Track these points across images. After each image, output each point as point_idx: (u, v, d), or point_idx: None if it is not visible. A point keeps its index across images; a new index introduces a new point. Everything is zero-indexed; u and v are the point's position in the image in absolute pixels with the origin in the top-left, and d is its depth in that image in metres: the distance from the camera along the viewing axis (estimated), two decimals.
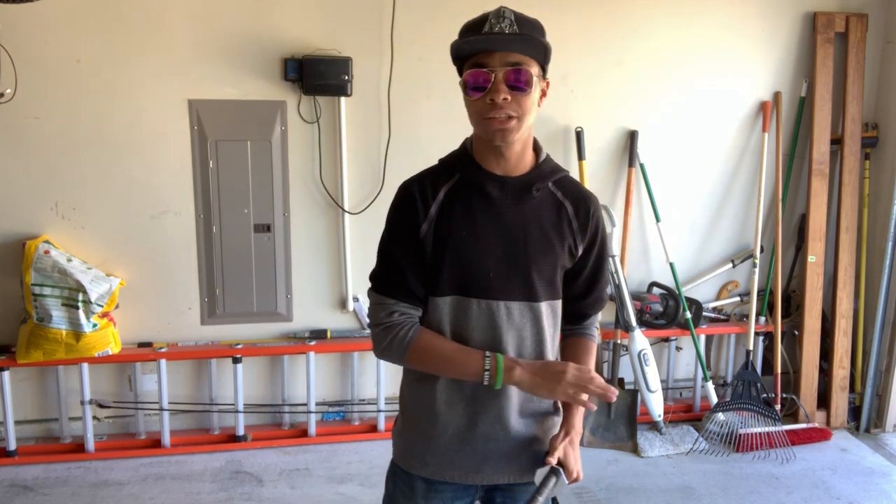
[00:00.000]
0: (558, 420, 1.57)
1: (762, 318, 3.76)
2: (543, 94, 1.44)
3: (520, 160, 1.46)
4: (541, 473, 1.48)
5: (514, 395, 1.50)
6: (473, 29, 1.37)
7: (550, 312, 1.52)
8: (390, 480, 1.64)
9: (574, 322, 1.62)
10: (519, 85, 1.35)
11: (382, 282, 1.49)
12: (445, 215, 1.45)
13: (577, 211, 1.50)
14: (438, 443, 1.52)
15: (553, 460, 1.47)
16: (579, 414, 1.53)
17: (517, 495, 1.58)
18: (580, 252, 1.52)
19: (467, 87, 1.37)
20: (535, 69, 1.37)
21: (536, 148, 1.50)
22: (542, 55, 1.38)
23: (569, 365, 1.43)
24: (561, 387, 1.41)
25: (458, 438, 1.51)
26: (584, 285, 1.57)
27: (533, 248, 1.46)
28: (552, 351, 1.54)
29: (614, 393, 1.42)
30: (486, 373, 1.42)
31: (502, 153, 1.43)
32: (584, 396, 1.41)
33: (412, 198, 1.46)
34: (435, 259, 1.46)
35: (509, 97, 1.35)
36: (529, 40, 1.35)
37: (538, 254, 1.47)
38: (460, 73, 1.41)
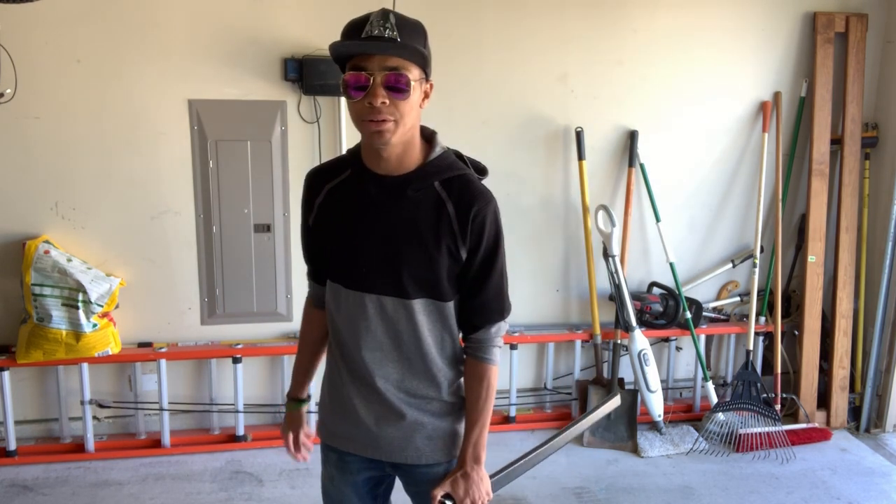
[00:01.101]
0: (449, 415, 1.60)
1: (762, 318, 3.76)
2: (426, 95, 1.46)
3: (401, 161, 1.47)
4: None
5: (399, 383, 1.56)
6: (354, 30, 1.38)
7: (431, 311, 1.52)
8: (322, 452, 1.76)
9: (466, 332, 1.59)
10: (398, 87, 1.37)
11: (308, 263, 1.70)
12: (326, 210, 1.55)
13: (459, 210, 1.47)
14: (342, 417, 1.63)
15: (438, 493, 1.54)
16: (472, 446, 1.56)
17: (418, 479, 1.63)
18: (464, 254, 1.49)
19: (348, 89, 1.39)
20: (413, 73, 1.39)
21: (431, 147, 1.51)
22: (422, 60, 1.40)
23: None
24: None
25: (355, 416, 1.60)
26: (469, 290, 1.53)
27: (404, 247, 1.48)
28: (438, 347, 1.55)
29: None
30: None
31: (381, 154, 1.46)
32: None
33: (307, 189, 1.60)
34: (319, 249, 1.61)
35: (387, 101, 1.36)
36: (404, 47, 1.36)
37: (409, 253, 1.47)
38: (342, 69, 1.44)
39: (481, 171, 1.57)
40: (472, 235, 1.47)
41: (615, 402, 1.64)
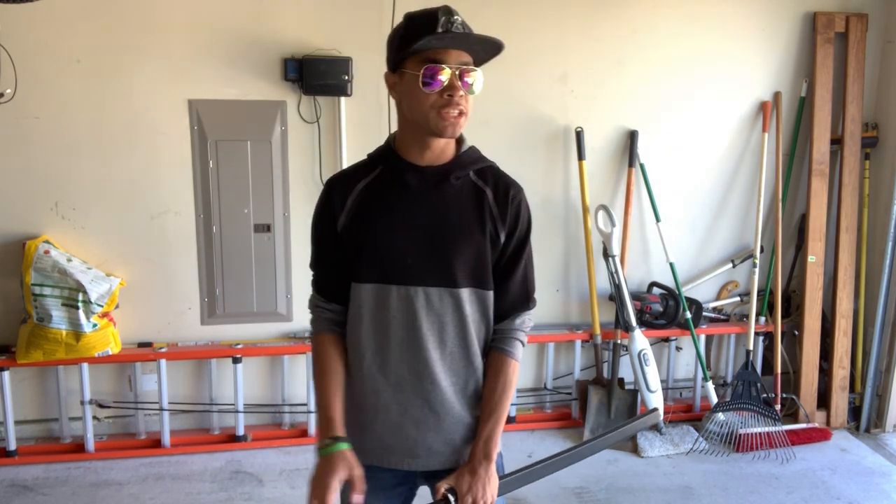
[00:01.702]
0: None
1: (762, 318, 3.76)
2: None
3: (443, 151, 1.51)
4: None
5: (442, 380, 1.52)
6: (428, 25, 1.40)
7: (476, 300, 1.53)
8: None
9: (494, 322, 1.58)
10: (470, 84, 1.43)
11: (313, 277, 1.62)
12: (364, 207, 1.51)
13: (497, 196, 1.52)
14: (373, 430, 1.56)
15: (442, 486, 1.48)
16: (483, 442, 1.52)
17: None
18: (502, 238, 1.53)
19: (424, 82, 1.40)
20: (479, 70, 1.45)
21: (459, 139, 1.55)
22: (498, 53, 1.46)
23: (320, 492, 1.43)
24: None
25: (392, 424, 1.55)
26: (499, 275, 1.55)
27: (452, 233, 1.49)
28: (479, 339, 1.55)
29: None
30: (320, 447, 1.48)
31: (429, 145, 1.48)
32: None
33: (331, 195, 1.54)
34: (356, 249, 1.52)
35: (464, 93, 1.42)
36: (495, 44, 1.42)
37: (458, 238, 1.49)
38: (397, 64, 1.46)
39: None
40: (511, 218, 1.53)
41: (654, 417, 1.60)
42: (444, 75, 1.39)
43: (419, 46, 1.39)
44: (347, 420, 1.58)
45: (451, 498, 1.47)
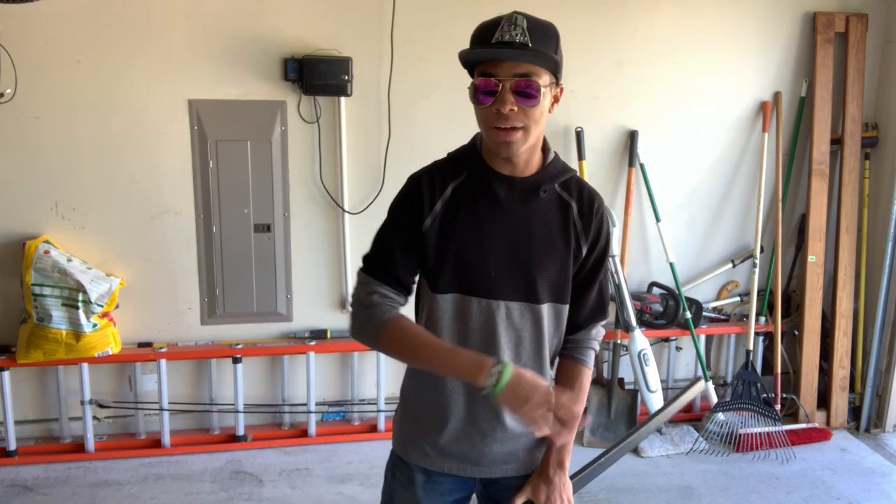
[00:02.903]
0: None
1: (762, 318, 3.76)
2: (556, 100, 1.44)
3: (528, 163, 1.46)
4: None
5: None
6: (484, 35, 1.36)
7: (554, 315, 1.51)
8: (389, 471, 1.65)
9: (568, 331, 1.56)
10: (527, 93, 1.34)
11: (372, 263, 1.49)
12: (451, 212, 1.45)
13: (582, 210, 1.49)
14: (439, 435, 1.53)
15: (519, 499, 1.48)
16: (557, 450, 1.51)
17: (512, 489, 1.58)
18: (584, 252, 1.50)
19: (476, 94, 1.37)
20: (544, 78, 1.36)
21: (545, 148, 1.50)
22: (553, 65, 1.38)
23: (544, 388, 1.31)
24: (527, 405, 1.29)
25: (458, 432, 1.52)
26: (579, 287, 1.53)
27: (538, 248, 1.46)
28: (550, 352, 1.53)
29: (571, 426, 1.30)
30: (491, 378, 1.30)
31: (509, 158, 1.44)
32: (541, 419, 1.29)
33: (420, 190, 1.46)
34: (438, 256, 1.46)
35: (516, 108, 1.34)
36: (536, 54, 1.34)
37: (542, 254, 1.46)
38: (471, 74, 1.41)
39: None
40: (594, 231, 1.50)
41: (700, 386, 1.62)
42: (491, 87, 1.33)
43: (464, 58, 1.36)
44: (414, 422, 1.57)
45: None
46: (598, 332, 1.58)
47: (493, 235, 1.45)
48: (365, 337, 1.47)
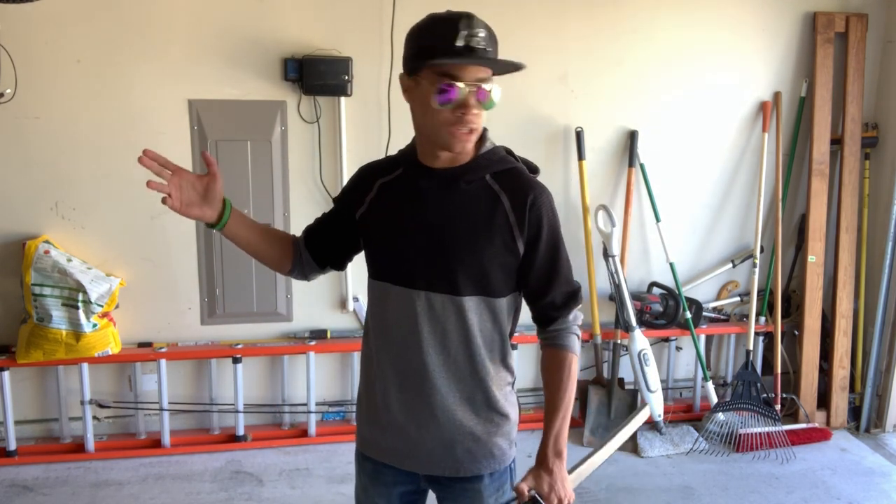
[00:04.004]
0: (507, 426, 1.57)
1: (762, 318, 3.76)
2: None
3: (459, 154, 1.47)
4: None
5: (443, 385, 1.50)
6: (447, 35, 1.36)
7: (483, 308, 1.49)
8: (356, 460, 1.70)
9: (543, 325, 1.55)
10: (485, 101, 1.39)
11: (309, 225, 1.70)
12: (377, 206, 1.54)
13: (514, 203, 1.45)
14: (378, 425, 1.58)
15: (524, 486, 1.45)
16: (553, 439, 1.49)
17: (456, 493, 1.58)
18: (522, 247, 1.46)
19: (437, 97, 1.36)
20: (494, 82, 1.41)
21: (481, 137, 1.49)
22: (509, 72, 1.41)
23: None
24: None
25: (396, 423, 1.55)
26: (539, 282, 1.51)
27: (456, 240, 1.45)
28: (487, 348, 1.51)
29: None
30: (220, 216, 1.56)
31: (450, 155, 1.46)
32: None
33: (358, 181, 1.60)
34: (366, 245, 1.59)
35: (477, 112, 1.39)
36: (514, 66, 1.38)
37: (462, 246, 1.45)
38: (413, 70, 1.41)
39: (533, 169, 1.55)
40: (531, 226, 1.45)
41: (644, 414, 1.63)
42: (458, 92, 1.35)
43: (434, 63, 1.36)
44: (360, 411, 1.65)
45: (539, 498, 1.44)
46: (576, 316, 1.55)
47: (414, 225, 1.48)
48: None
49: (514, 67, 1.39)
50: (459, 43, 1.35)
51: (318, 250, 1.67)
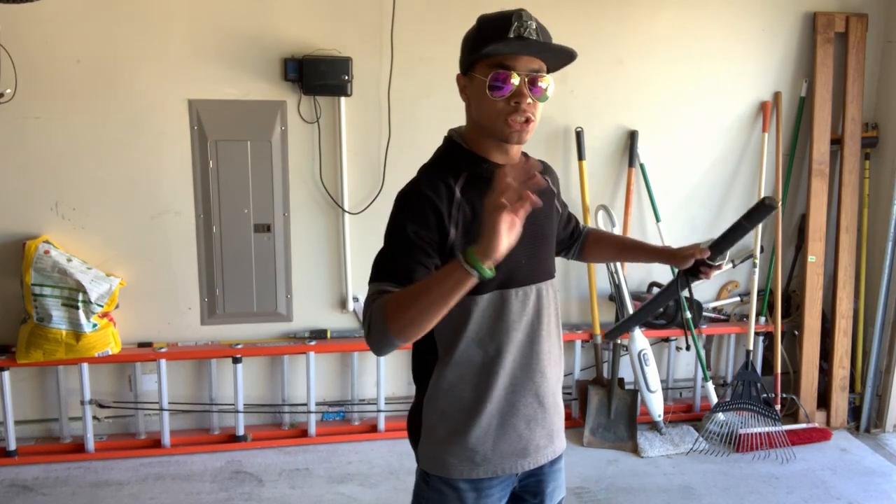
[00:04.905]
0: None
1: (762, 318, 3.76)
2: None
3: (518, 151, 1.52)
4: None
5: (548, 370, 1.53)
6: (499, 29, 1.37)
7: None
8: (424, 496, 1.55)
9: (580, 232, 1.85)
10: (541, 88, 1.40)
11: (390, 271, 1.35)
12: (470, 214, 1.41)
13: (553, 180, 1.67)
14: (486, 438, 1.49)
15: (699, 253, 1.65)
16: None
17: (546, 477, 1.61)
18: (563, 216, 1.75)
19: (491, 88, 1.37)
20: (550, 76, 1.44)
21: None
22: (563, 65, 1.46)
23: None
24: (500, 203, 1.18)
25: (504, 427, 1.50)
26: (569, 223, 1.81)
27: (548, 226, 1.57)
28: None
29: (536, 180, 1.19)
30: (471, 269, 1.18)
31: (507, 149, 1.46)
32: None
33: (431, 202, 1.38)
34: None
35: (532, 100, 1.39)
36: (569, 53, 1.41)
37: (551, 230, 1.60)
38: (468, 67, 1.43)
39: None
40: (559, 191, 1.71)
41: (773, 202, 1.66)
42: (513, 82, 1.36)
43: (488, 51, 1.36)
44: (457, 436, 1.49)
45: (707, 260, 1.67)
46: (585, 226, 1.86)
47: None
48: (378, 332, 1.29)
49: (566, 56, 1.41)
50: (512, 34, 1.37)
51: None
